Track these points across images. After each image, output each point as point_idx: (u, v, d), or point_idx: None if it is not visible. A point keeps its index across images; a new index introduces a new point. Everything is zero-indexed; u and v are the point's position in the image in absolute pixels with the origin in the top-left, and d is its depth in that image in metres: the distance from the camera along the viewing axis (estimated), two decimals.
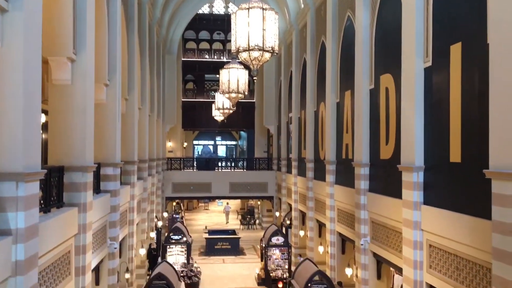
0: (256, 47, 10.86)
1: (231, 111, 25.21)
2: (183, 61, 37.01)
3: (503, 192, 6.94)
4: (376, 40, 13.94)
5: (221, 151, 54.48)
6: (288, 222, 26.51)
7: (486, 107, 7.64)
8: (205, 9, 37.83)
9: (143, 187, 21.10)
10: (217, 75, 20.22)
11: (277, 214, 31.56)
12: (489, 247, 7.45)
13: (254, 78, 11.98)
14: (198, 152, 51.67)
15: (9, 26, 6.47)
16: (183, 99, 36.93)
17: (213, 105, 29.16)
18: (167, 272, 14.95)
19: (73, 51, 9.92)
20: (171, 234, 21.80)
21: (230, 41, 11.52)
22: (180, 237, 21.58)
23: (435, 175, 10.04)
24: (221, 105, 24.98)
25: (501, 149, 7.09)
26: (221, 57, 38.03)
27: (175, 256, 21.14)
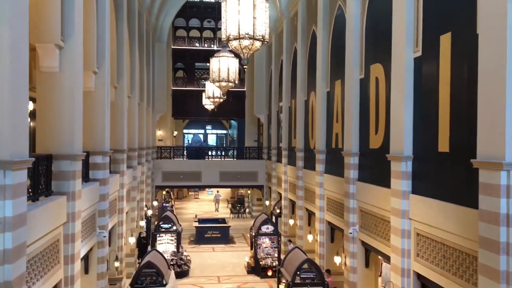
0: (247, 35, 10.82)
1: (221, 100, 25.17)
2: (173, 49, 36.73)
3: (490, 181, 7.03)
4: (367, 30, 13.94)
5: (211, 140, 54.43)
6: (278, 211, 26.64)
7: (474, 97, 7.69)
8: None
9: (132, 175, 21.04)
10: (208, 64, 20.10)
11: (267, 203, 31.69)
12: (475, 235, 7.55)
13: (245, 67, 11.95)
14: (188, 141, 51.55)
15: None
16: (173, 88, 36.72)
17: (203, 93, 29.09)
18: (156, 261, 14.99)
19: (61, 38, 9.80)
20: (161, 223, 21.80)
21: (221, 29, 11.46)
22: (170, 225, 21.59)
23: (424, 165, 10.12)
24: (211, 94, 24.93)
25: (488, 139, 7.16)
26: (212, 45, 37.80)
27: (165, 244, 21.18)
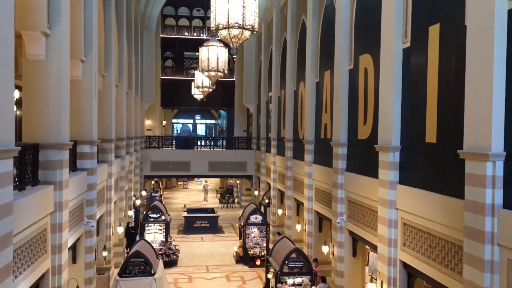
0: (236, 24, 10.75)
1: (210, 89, 25.03)
2: (161, 37, 36.40)
3: (475, 172, 7.11)
4: (356, 20, 13.93)
5: (201, 130, 54.29)
6: (267, 201, 26.73)
7: (462, 88, 7.75)
8: None
9: (120, 165, 20.93)
10: (197, 53, 19.94)
11: (256, 193, 31.77)
12: (461, 225, 7.65)
13: (234, 56, 11.90)
14: (177, 130, 51.39)
15: None
16: (162, 77, 36.45)
17: (192, 83, 28.90)
18: (145, 250, 14.98)
19: (47, 25, 9.67)
20: (149, 213, 21.77)
21: (210, 18, 11.37)
22: (159, 215, 21.57)
23: (411, 155, 10.21)
24: (200, 84, 24.78)
25: (475, 130, 7.23)
26: (201, 34, 37.52)
27: (154, 234, 21.16)
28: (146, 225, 21.24)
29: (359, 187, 13.03)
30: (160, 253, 19.55)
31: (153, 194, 33.33)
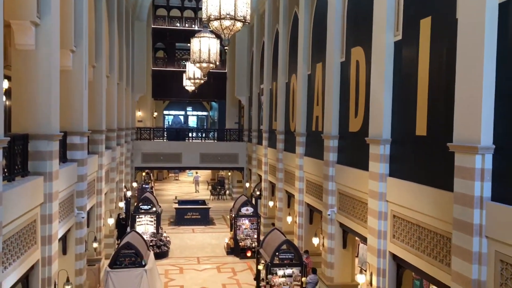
0: (228, 16, 10.71)
1: (202, 81, 24.95)
2: (153, 28, 36.13)
3: (465, 164, 7.17)
4: (348, 13, 13.92)
5: (192, 122, 54.16)
6: (258, 193, 26.78)
7: (452, 82, 7.78)
8: None
9: (111, 156, 20.85)
10: (188, 44, 19.83)
11: (247, 185, 31.81)
12: (450, 217, 7.73)
13: (226, 48, 11.86)
14: (169, 122, 51.22)
15: None
16: (153, 68, 36.23)
17: (184, 74, 28.79)
18: (136, 242, 14.96)
19: (37, 14, 9.56)
20: (140, 204, 21.71)
21: (202, 9, 11.31)
22: (150, 207, 21.53)
23: (401, 148, 10.27)
24: (192, 75, 24.68)
25: (464, 123, 7.28)
26: (193, 25, 37.28)
27: (145, 225, 21.13)
28: (137, 216, 21.20)
29: (350, 180, 13.09)
30: (151, 244, 19.54)
31: (144, 186, 33.24)
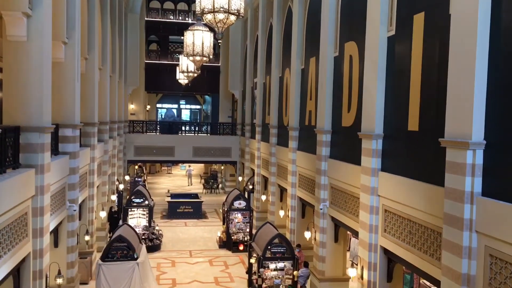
0: (222, 9, 10.67)
1: (195, 74, 24.89)
2: (146, 21, 35.91)
3: (456, 160, 7.22)
4: (342, 7, 13.90)
5: (185, 115, 54.01)
6: (251, 187, 26.83)
7: (444, 77, 7.82)
8: None
9: (103, 149, 20.77)
10: (182, 37, 19.76)
11: (240, 178, 31.84)
12: (440, 212, 7.79)
13: (219, 41, 11.82)
14: (162, 115, 51.06)
15: None
16: (146, 61, 36.05)
17: (177, 67, 28.68)
18: (128, 235, 14.96)
19: (28, 6, 9.47)
20: (132, 197, 21.69)
21: (195, 1, 11.25)
22: (142, 200, 21.50)
23: (393, 143, 10.31)
24: (185, 68, 24.62)
25: (456, 119, 7.32)
26: (186, 18, 37.10)
27: (137, 219, 21.11)
28: (129, 209, 21.17)
29: (342, 174, 13.14)
30: (143, 237, 19.54)
31: (136, 179, 33.18)
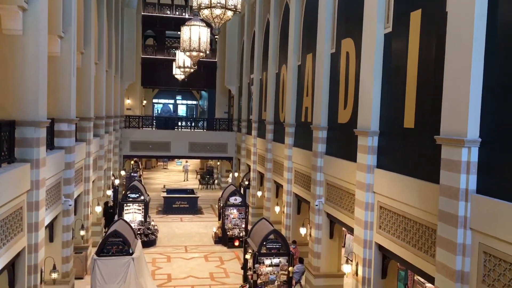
0: (219, 4, 10.64)
1: (192, 70, 24.81)
2: (143, 15, 35.79)
3: (451, 157, 7.25)
4: (340, 3, 13.89)
5: (181, 111, 53.93)
6: (247, 183, 26.84)
7: (440, 75, 7.84)
8: None
9: (99, 144, 20.72)
10: (179, 32, 19.69)
11: (236, 174, 31.84)
12: (435, 209, 7.82)
13: (216, 36, 11.78)
14: (158, 110, 50.96)
15: None
16: (142, 56, 35.94)
17: (174, 63, 28.58)
18: (123, 230, 14.93)
19: None
20: (128, 192, 21.66)
21: None
22: (138, 195, 21.48)
23: (389, 140, 10.33)
24: (182, 63, 24.52)
25: (452, 116, 7.34)
26: (183, 13, 36.97)
27: (132, 214, 21.09)
28: (125, 205, 21.15)
29: (338, 171, 13.17)
30: (138, 233, 19.54)
31: (132, 174, 33.14)
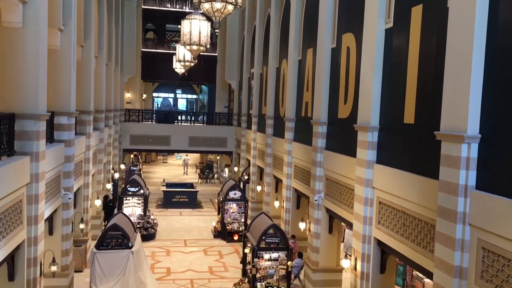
0: None
1: (192, 64, 24.80)
2: (143, 9, 35.67)
3: (451, 153, 7.25)
4: None
5: (181, 105, 53.86)
6: (246, 177, 26.87)
7: (441, 70, 7.82)
8: None
9: (99, 138, 20.72)
10: (179, 26, 19.65)
11: (236, 169, 31.87)
12: (434, 205, 7.83)
13: (216, 30, 11.75)
14: (158, 104, 50.90)
15: None
16: (143, 49, 35.86)
17: (174, 56, 28.54)
18: (123, 223, 14.96)
19: None
20: (128, 186, 21.68)
21: None
22: (137, 189, 21.51)
23: (389, 135, 10.33)
24: (182, 57, 24.50)
25: (452, 112, 7.34)
26: (184, 7, 36.86)
27: (132, 207, 21.13)
28: (125, 198, 21.19)
29: (337, 166, 13.17)
30: (138, 226, 19.58)
31: (132, 168, 33.17)
